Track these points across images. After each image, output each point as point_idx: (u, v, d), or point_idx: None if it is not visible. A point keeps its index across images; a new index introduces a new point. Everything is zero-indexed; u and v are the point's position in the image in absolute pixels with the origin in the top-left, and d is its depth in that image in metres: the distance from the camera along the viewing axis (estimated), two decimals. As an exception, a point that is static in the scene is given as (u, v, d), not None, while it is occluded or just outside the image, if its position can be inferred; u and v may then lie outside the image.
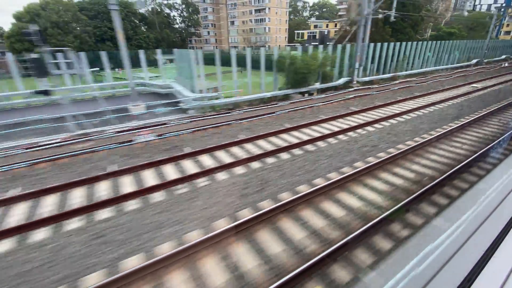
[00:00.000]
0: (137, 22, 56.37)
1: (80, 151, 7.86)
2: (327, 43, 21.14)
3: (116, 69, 26.49)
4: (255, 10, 63.35)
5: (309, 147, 7.86)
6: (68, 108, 11.43)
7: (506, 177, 1.70)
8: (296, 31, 59.30)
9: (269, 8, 60.80)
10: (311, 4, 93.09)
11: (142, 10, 60.60)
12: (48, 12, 45.10)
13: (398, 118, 10.45)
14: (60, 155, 7.55)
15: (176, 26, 69.14)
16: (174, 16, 68.05)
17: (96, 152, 7.93)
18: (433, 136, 8.05)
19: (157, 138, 8.94)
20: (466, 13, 60.34)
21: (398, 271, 1.12)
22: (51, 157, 7.41)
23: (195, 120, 11.10)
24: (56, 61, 10.30)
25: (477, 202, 1.46)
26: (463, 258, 1.03)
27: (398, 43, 20.97)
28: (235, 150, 7.80)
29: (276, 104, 13.38)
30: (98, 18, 50.00)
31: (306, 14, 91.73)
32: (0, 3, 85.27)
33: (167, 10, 67.20)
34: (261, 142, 8.33)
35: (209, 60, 20.25)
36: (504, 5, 52.55)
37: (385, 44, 20.13)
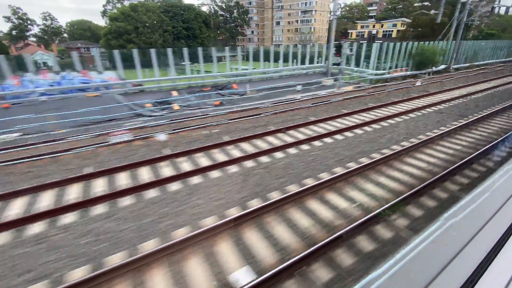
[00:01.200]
0: (202, 23, 63.97)
1: (322, 102, 14.93)
2: (376, 41, 28.29)
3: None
4: (302, 12, 70.60)
5: (455, 101, 14.53)
6: (277, 81, 18.81)
7: (510, 179, 1.70)
8: (347, 31, 66.63)
9: (315, 11, 68.04)
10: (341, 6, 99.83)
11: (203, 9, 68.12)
12: (138, 14, 52.80)
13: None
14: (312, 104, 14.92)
15: (227, 25, 76.64)
16: (227, 16, 75.54)
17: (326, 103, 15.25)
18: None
19: (367, 94, 16.18)
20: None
21: (401, 271, 1.10)
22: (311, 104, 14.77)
23: (377, 87, 18.44)
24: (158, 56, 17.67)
25: (481, 203, 1.45)
26: (466, 259, 1.00)
27: (472, 41, 28.13)
28: (423, 99, 15.03)
29: (412, 79, 20.66)
30: (175, 19, 57.61)
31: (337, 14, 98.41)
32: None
33: (219, 11, 74.71)
34: (430, 97, 15.16)
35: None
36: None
37: (470, 42, 27.31)
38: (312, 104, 13.05)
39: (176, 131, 9.34)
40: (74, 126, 10.78)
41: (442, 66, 24.17)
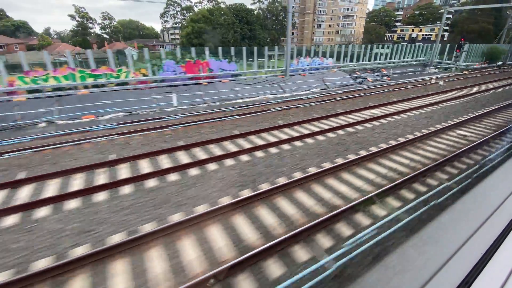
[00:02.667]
0: (259, 25, 73.15)
1: (454, 79, 24.17)
2: (415, 43, 37.05)
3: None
4: (344, 16, 79.88)
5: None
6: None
7: (507, 179, 1.73)
8: (387, 34, 75.87)
9: (356, 16, 77.36)
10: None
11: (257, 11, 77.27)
12: (215, 16, 61.82)
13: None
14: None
15: (274, 27, 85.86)
16: (274, 19, 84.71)
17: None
18: None
19: (473, 76, 25.30)
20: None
21: (395, 272, 1.12)
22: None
23: (462, 74, 27.60)
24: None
25: (477, 204, 1.48)
26: (462, 260, 1.01)
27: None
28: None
29: (485, 70, 29.76)
30: (242, 21, 66.71)
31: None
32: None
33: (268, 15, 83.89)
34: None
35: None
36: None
37: None
38: (446, 80, 22.11)
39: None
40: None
41: (500, 62, 33.41)
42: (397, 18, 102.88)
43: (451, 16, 76.67)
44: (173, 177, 6.69)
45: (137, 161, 7.54)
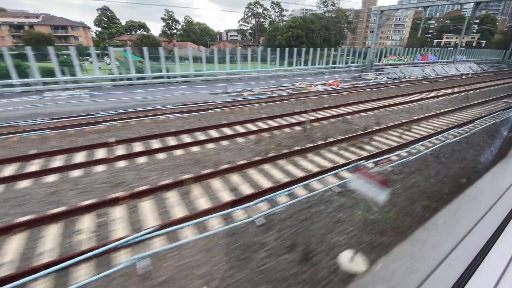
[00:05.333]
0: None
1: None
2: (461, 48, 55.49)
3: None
4: (395, 25, 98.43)
5: None
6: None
7: (497, 182, 1.74)
8: (435, 40, 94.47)
9: (406, 25, 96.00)
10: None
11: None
12: (307, 23, 79.68)
13: None
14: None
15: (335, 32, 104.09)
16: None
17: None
18: None
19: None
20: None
21: (389, 275, 1.12)
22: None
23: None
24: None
25: (468, 206, 1.50)
26: (455, 262, 1.02)
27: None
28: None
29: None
30: (323, 26, 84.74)
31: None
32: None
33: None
34: None
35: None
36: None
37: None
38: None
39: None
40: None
41: None
42: (430, 26, 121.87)
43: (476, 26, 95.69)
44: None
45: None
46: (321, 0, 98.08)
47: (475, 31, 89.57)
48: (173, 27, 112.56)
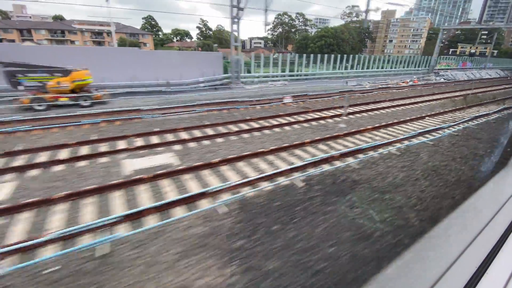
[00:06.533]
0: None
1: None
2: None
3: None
4: (413, 35, 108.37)
5: None
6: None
7: (497, 192, 1.73)
8: (451, 49, 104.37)
9: (423, 35, 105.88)
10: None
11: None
12: (337, 32, 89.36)
13: None
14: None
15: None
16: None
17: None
18: None
19: None
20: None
21: (398, 278, 1.11)
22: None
23: None
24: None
25: (469, 217, 1.47)
26: (456, 275, 1.01)
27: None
28: None
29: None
30: (351, 35, 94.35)
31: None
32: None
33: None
34: None
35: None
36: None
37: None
38: None
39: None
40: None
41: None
42: (443, 36, 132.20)
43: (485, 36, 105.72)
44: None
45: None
46: (345, 12, 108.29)
47: (484, 41, 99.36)
48: (206, 34, 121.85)
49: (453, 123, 12.88)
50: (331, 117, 13.86)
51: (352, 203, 5.82)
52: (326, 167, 7.74)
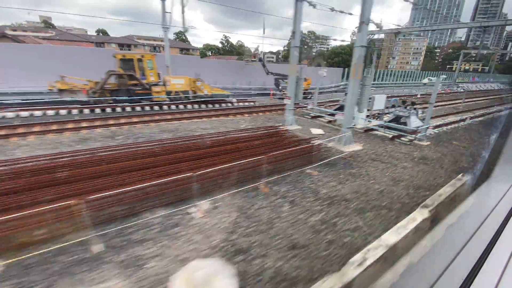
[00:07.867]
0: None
1: None
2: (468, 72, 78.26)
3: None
4: (414, 53, 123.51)
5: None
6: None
7: (480, 206, 1.75)
8: (447, 66, 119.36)
9: (423, 53, 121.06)
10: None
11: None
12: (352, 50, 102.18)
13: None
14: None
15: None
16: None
17: None
18: None
19: None
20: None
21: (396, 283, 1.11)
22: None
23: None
24: None
25: (453, 231, 1.51)
26: (458, 269, 1.04)
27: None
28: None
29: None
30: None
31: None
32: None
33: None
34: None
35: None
36: None
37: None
38: None
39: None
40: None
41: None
42: (437, 54, 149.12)
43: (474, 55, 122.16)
44: None
45: None
46: (355, 32, 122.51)
47: (473, 59, 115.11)
48: (227, 48, 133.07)
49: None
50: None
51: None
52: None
